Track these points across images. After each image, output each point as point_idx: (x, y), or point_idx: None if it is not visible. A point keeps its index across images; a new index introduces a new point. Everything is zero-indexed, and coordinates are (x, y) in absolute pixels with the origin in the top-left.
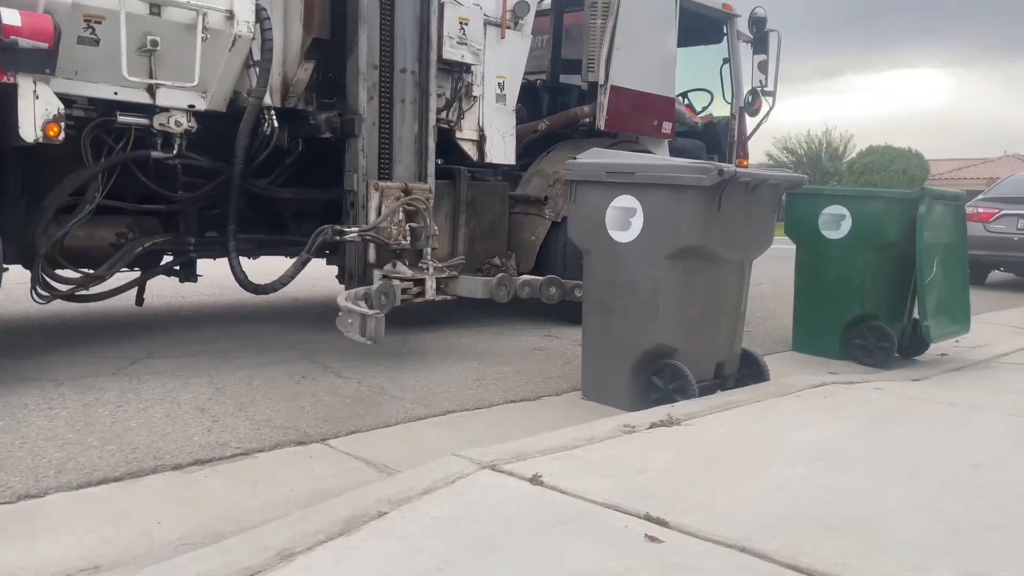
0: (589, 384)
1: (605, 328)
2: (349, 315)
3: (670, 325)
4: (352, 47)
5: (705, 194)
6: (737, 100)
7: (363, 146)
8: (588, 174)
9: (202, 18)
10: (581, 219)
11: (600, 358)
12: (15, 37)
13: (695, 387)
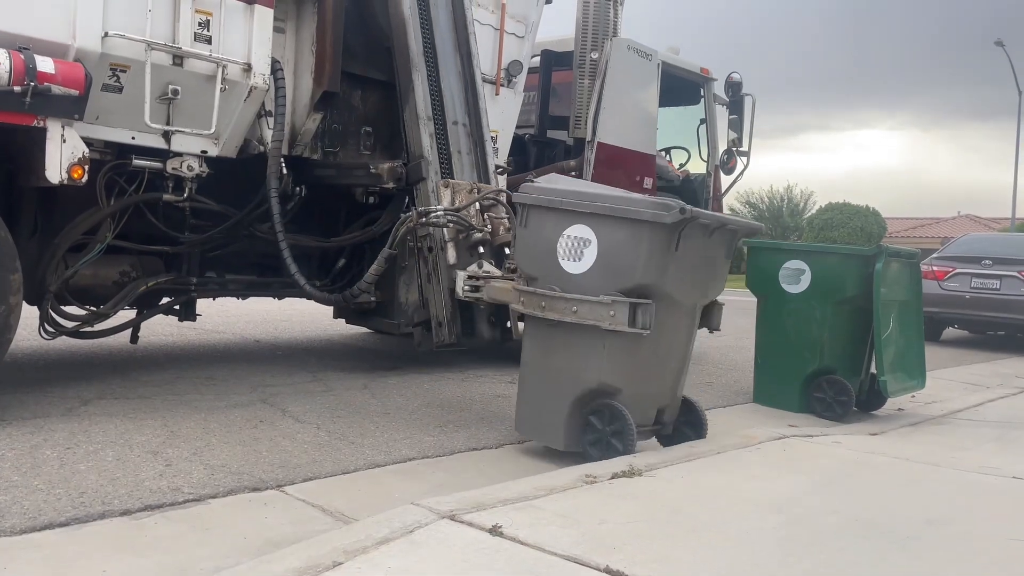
0: (523, 420)
1: (545, 361)
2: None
3: (615, 365)
4: (407, 95)
5: (665, 231)
6: (713, 158)
7: (433, 188)
8: (543, 199)
9: (222, 70)
10: (530, 246)
11: (538, 393)
12: (48, 84)
13: (634, 432)
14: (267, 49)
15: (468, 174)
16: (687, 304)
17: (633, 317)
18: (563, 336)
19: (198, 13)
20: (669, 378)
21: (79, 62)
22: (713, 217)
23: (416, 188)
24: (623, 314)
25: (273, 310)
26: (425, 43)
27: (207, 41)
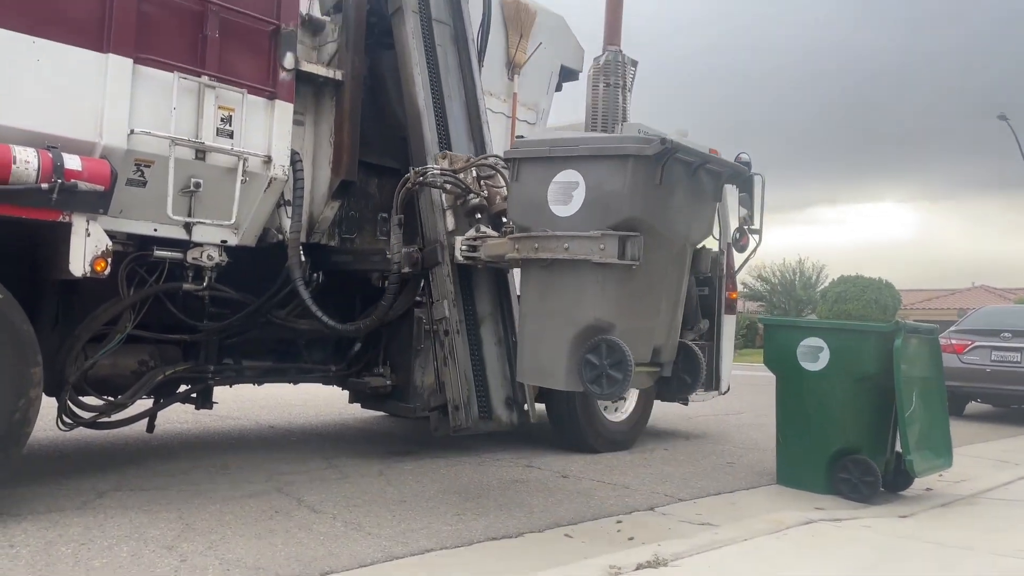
0: (524, 367)
1: (542, 305)
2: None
3: (609, 300)
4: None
5: (647, 164)
6: (724, 237)
7: (448, 272)
8: (532, 150)
9: (243, 163)
10: (523, 198)
11: (537, 338)
12: (75, 180)
13: (632, 363)
14: (287, 142)
15: None
16: (675, 240)
17: (623, 249)
18: (558, 277)
19: (221, 109)
20: (662, 316)
21: (105, 159)
22: (696, 154)
23: (432, 272)
24: (613, 247)
25: (288, 394)
26: (440, 133)
27: (229, 136)
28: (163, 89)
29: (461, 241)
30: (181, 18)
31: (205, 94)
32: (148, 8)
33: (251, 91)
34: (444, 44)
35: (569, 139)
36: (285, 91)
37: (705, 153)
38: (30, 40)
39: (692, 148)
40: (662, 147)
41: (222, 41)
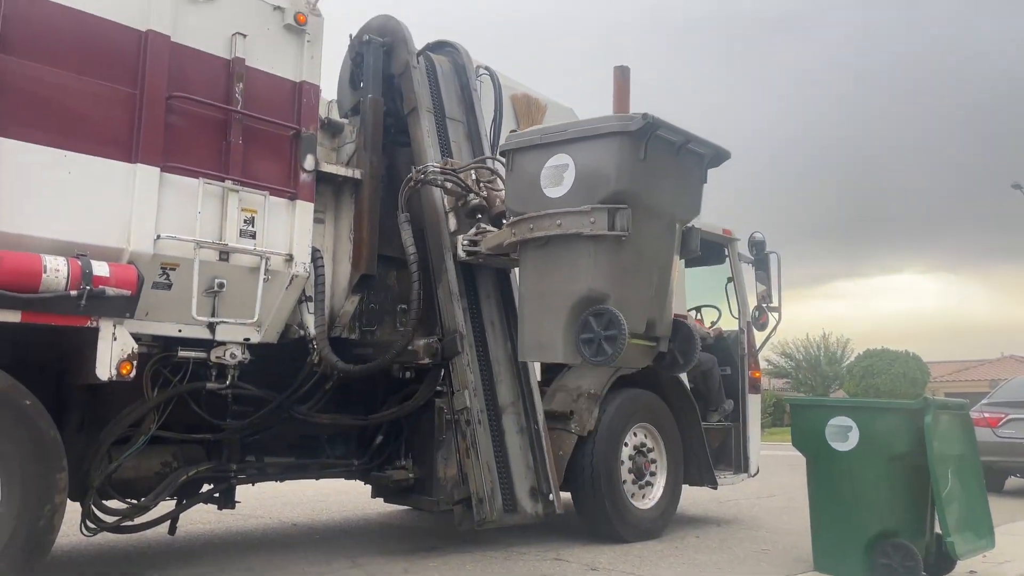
0: (526, 344)
1: (540, 284)
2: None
3: (601, 270)
4: (440, 274)
5: (631, 140)
6: (743, 316)
7: (468, 362)
8: (524, 140)
9: (265, 262)
10: (518, 186)
11: (536, 315)
12: (103, 286)
13: (626, 333)
14: (308, 240)
15: (502, 344)
16: (663, 214)
17: (612, 221)
18: (552, 255)
19: (244, 211)
20: (655, 289)
21: (132, 264)
22: (678, 132)
23: (452, 362)
24: (602, 219)
25: (310, 490)
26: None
27: (252, 236)
28: (188, 194)
29: (463, 239)
30: (206, 127)
31: (229, 197)
32: (174, 119)
33: (273, 193)
34: (458, 141)
35: (558, 125)
36: (306, 191)
37: (687, 132)
38: (62, 154)
39: (674, 127)
40: (644, 123)
41: (245, 147)
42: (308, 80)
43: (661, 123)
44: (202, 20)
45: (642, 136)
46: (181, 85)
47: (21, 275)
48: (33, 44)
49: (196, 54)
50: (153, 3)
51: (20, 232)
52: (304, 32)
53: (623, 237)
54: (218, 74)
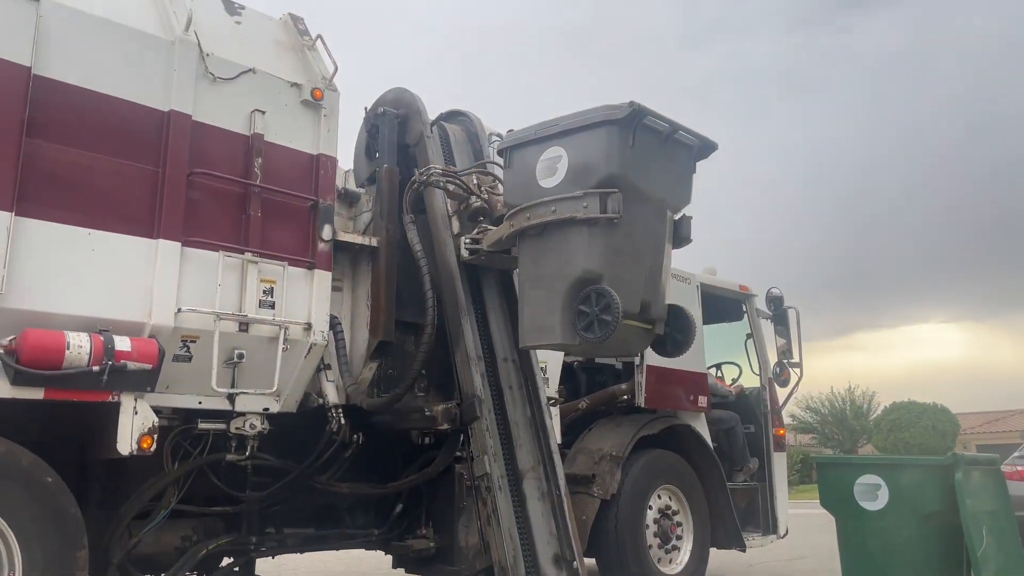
0: (526, 332)
1: (537, 270)
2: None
3: (595, 251)
4: (458, 338)
5: (619, 127)
6: (765, 372)
7: (487, 427)
8: (520, 136)
9: (284, 331)
10: (516, 180)
11: (534, 302)
12: (125, 361)
13: (620, 307)
14: (326, 308)
15: (520, 407)
16: (653, 199)
17: (604, 204)
18: (549, 242)
19: (263, 282)
20: (648, 271)
21: (153, 337)
22: (665, 121)
23: (470, 428)
24: (594, 203)
25: (331, 561)
26: (472, 287)
27: (271, 306)
28: (209, 267)
29: (465, 239)
30: (226, 200)
31: (248, 269)
32: (195, 194)
33: (291, 263)
34: None
35: (551, 120)
36: (324, 260)
37: (674, 121)
38: (86, 232)
39: (662, 116)
40: (631, 110)
41: (264, 219)
42: (325, 152)
43: (648, 111)
44: (222, 99)
45: (630, 123)
46: (202, 161)
47: (45, 352)
48: (59, 127)
49: (216, 131)
50: (175, 84)
51: (44, 310)
52: (321, 107)
53: (615, 219)
54: (238, 149)
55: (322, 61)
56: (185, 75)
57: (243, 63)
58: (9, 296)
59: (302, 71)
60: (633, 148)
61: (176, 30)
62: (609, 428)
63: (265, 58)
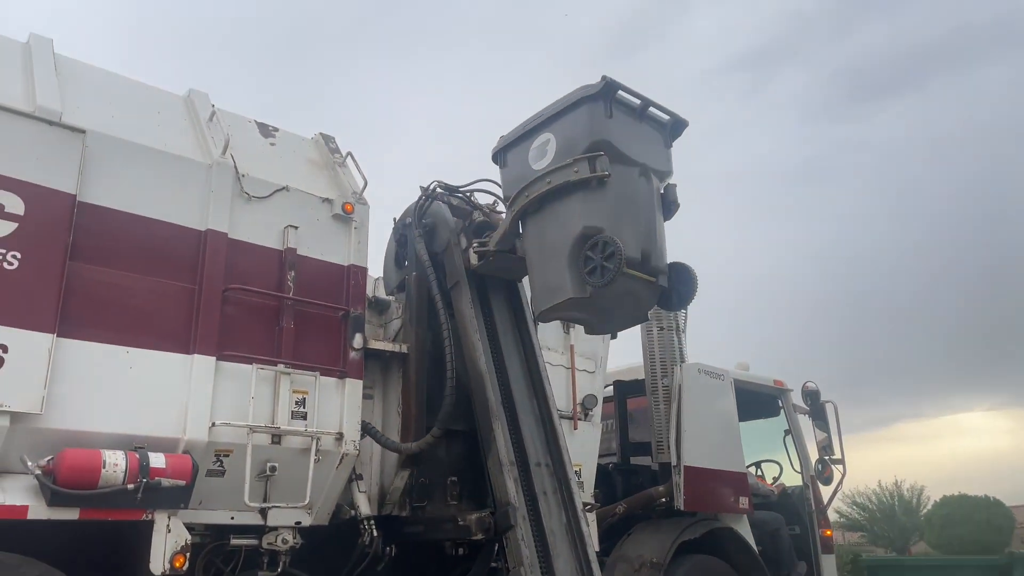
0: (537, 300)
1: (541, 242)
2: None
3: (592, 210)
4: (490, 443)
5: (597, 100)
6: (806, 470)
7: (522, 536)
8: (510, 136)
9: (316, 442)
10: (512, 175)
11: (542, 270)
12: (159, 478)
13: (622, 252)
14: (358, 417)
15: (556, 515)
16: (638, 163)
17: (593, 166)
18: (548, 214)
19: (295, 393)
20: (643, 224)
21: (188, 453)
22: (638, 96)
23: (506, 537)
24: (584, 166)
25: None
26: (502, 391)
27: (303, 417)
28: (242, 380)
29: (475, 243)
30: (259, 314)
31: (281, 381)
32: (230, 309)
33: (323, 373)
34: (500, 308)
35: (535, 114)
36: (355, 369)
37: (646, 97)
38: (124, 350)
39: (634, 91)
40: (604, 84)
41: (296, 330)
42: (356, 263)
43: (620, 85)
44: (257, 216)
45: (606, 95)
46: (237, 277)
47: (81, 471)
48: (101, 250)
49: (251, 247)
50: (212, 204)
51: (82, 428)
52: (351, 220)
53: (605, 177)
54: (271, 264)
55: (352, 176)
56: (222, 195)
57: (277, 182)
58: (48, 416)
59: (333, 186)
60: (612, 119)
61: (214, 153)
62: (648, 533)
63: (298, 176)
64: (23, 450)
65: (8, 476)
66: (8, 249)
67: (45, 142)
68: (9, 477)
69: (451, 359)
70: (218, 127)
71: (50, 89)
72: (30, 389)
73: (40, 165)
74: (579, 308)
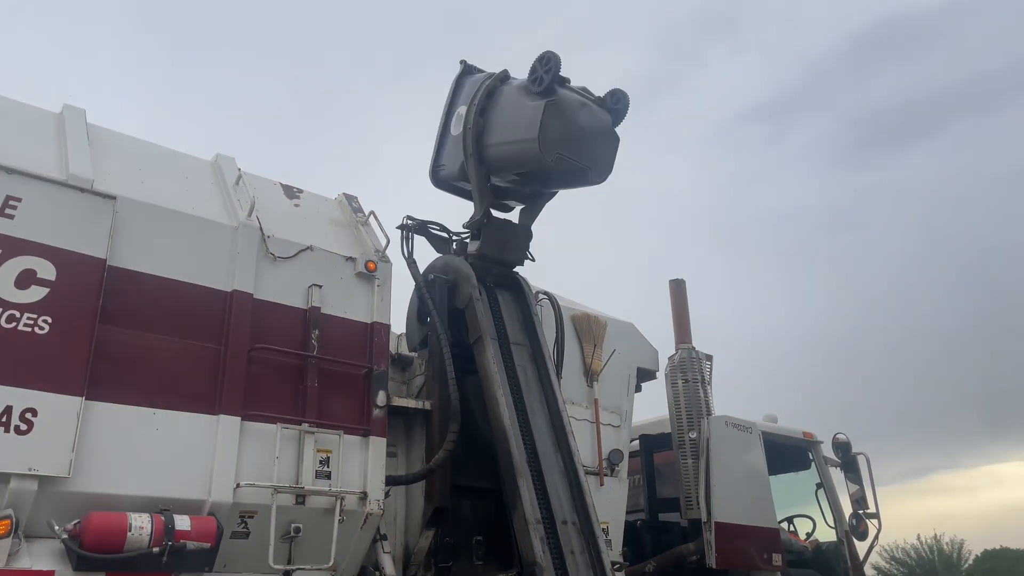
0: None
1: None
2: None
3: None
4: (515, 501)
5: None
6: (840, 524)
7: None
8: (434, 148)
9: (340, 502)
10: (454, 162)
11: (512, 130)
12: (184, 541)
13: (559, 58)
14: (381, 476)
15: (584, 574)
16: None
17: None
18: (497, 109)
19: (319, 452)
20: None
21: (212, 515)
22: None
23: None
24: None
25: None
26: (527, 448)
27: (327, 476)
28: (267, 440)
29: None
30: (284, 373)
31: (305, 440)
32: (255, 369)
33: (347, 431)
34: (523, 364)
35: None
36: (378, 427)
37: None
38: (151, 412)
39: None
40: (464, 66)
41: (320, 388)
42: (379, 320)
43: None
44: (282, 276)
45: (468, 69)
46: (262, 336)
47: (108, 535)
48: (130, 313)
49: (276, 307)
50: (238, 265)
51: (109, 491)
52: (374, 278)
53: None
54: (296, 323)
55: (375, 234)
56: (248, 256)
57: (301, 242)
58: (76, 480)
59: (356, 245)
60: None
61: (240, 216)
62: None
63: (321, 235)
64: (50, 514)
65: (36, 540)
66: (39, 314)
67: (77, 209)
68: (37, 541)
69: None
70: (244, 190)
71: (82, 157)
72: (59, 452)
73: (72, 231)
74: (553, 133)
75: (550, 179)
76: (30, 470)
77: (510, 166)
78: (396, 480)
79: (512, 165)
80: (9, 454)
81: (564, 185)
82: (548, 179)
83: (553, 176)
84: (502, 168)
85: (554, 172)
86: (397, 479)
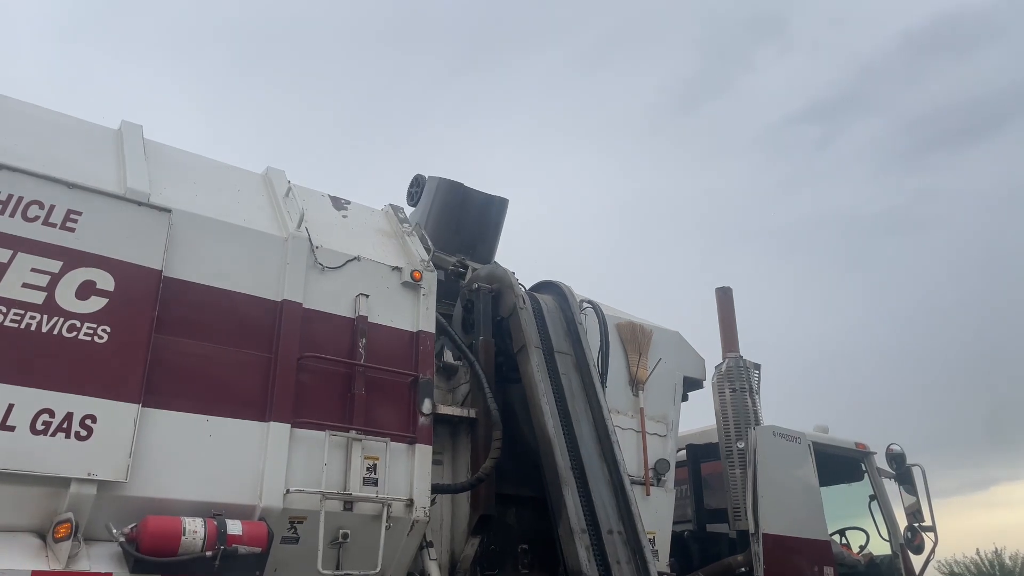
0: None
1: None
2: None
3: None
4: (560, 510)
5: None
6: (895, 537)
7: None
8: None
9: (387, 509)
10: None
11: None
12: (236, 545)
13: None
14: (427, 483)
15: None
16: None
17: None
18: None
19: (367, 459)
20: None
21: (263, 520)
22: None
23: None
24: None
25: None
26: (571, 457)
27: (374, 483)
28: (316, 447)
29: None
30: (332, 381)
31: (353, 447)
32: (304, 377)
33: (394, 439)
34: (568, 372)
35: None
36: (424, 435)
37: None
38: (204, 419)
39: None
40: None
41: (368, 396)
42: (424, 329)
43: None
44: (330, 286)
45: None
46: (311, 345)
47: (163, 539)
48: (184, 323)
49: (324, 316)
50: (288, 275)
51: (164, 496)
52: (420, 287)
53: None
54: (343, 332)
55: (419, 244)
56: (297, 267)
57: (349, 252)
58: (133, 484)
59: (402, 255)
60: None
61: (289, 227)
62: None
63: (368, 246)
64: (108, 517)
65: (94, 543)
66: (99, 324)
67: (134, 221)
68: (95, 544)
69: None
70: (293, 202)
71: (139, 172)
72: (116, 458)
73: (129, 243)
74: None
75: None
76: (89, 475)
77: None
78: (444, 488)
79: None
80: (69, 459)
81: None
82: None
83: None
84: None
85: None
86: (445, 487)
